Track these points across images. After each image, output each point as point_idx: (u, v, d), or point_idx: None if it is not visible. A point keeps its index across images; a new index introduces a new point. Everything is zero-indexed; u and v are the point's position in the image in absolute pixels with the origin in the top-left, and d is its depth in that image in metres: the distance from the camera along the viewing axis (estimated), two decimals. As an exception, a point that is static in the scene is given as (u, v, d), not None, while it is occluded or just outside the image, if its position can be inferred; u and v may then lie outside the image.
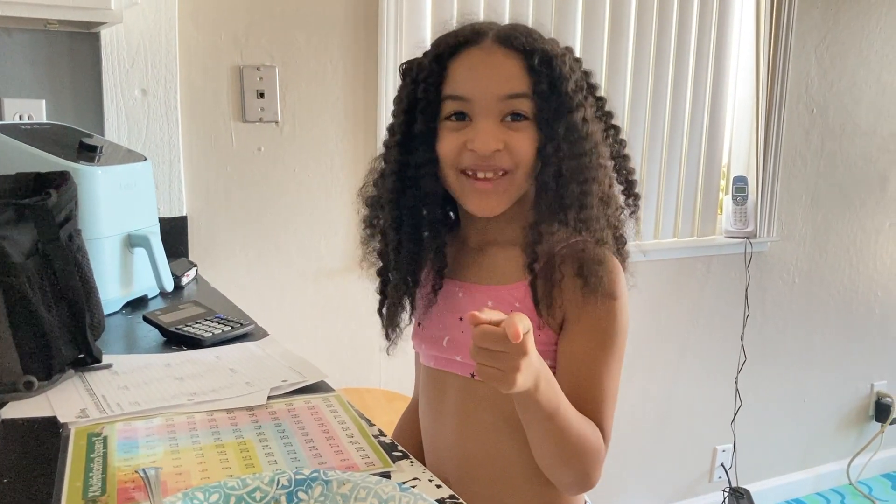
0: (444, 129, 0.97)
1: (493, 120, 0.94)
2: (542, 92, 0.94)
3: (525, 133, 0.95)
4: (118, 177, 1.39)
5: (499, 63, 0.95)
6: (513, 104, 0.94)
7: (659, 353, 2.59)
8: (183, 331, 1.17)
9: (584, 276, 0.93)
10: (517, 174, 0.95)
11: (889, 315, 3.04)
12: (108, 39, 1.65)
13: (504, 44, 0.96)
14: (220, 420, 0.87)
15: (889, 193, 2.93)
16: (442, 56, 0.97)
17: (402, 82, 1.02)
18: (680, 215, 2.51)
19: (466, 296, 1.02)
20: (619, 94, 2.32)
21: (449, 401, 1.05)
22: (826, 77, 2.68)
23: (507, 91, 0.94)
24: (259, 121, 1.86)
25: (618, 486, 2.60)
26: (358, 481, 0.66)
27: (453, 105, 0.96)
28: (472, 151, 0.94)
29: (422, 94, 0.97)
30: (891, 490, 3.05)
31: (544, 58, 0.94)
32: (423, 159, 0.98)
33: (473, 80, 0.95)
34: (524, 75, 0.94)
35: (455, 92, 0.96)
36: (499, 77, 0.94)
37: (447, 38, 0.98)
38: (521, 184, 0.96)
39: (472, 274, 1.03)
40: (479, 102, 0.94)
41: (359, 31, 1.93)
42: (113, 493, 0.69)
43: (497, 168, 0.95)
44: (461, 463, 1.04)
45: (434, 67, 0.97)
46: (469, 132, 0.95)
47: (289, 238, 1.94)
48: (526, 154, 0.94)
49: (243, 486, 0.65)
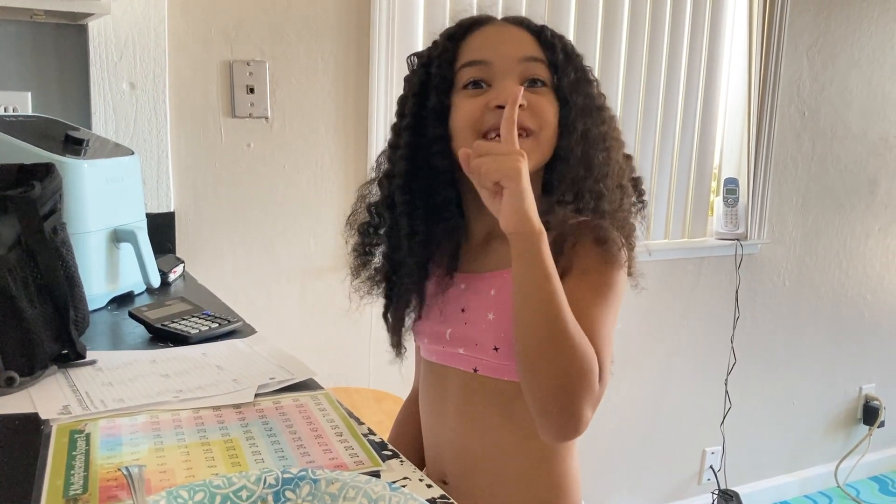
0: (461, 99, 0.95)
1: (514, 80, 0.94)
2: (558, 61, 0.95)
3: (547, 98, 0.95)
4: (105, 170, 1.37)
5: (514, 32, 0.97)
6: (531, 68, 0.94)
7: (649, 354, 2.58)
8: (169, 327, 1.15)
9: (596, 241, 0.91)
10: (541, 136, 0.94)
11: (878, 318, 3.05)
12: (95, 32, 1.63)
13: (514, 23, 0.98)
14: (207, 418, 0.85)
15: (879, 197, 2.93)
16: (454, 36, 0.98)
17: (411, 69, 1.02)
18: (671, 217, 2.50)
19: (469, 286, 1.00)
20: (610, 95, 2.31)
21: (450, 395, 1.04)
22: (817, 80, 2.69)
23: (525, 53, 0.95)
24: (249, 116, 1.84)
25: (607, 488, 2.59)
26: (347, 480, 0.64)
27: (471, 72, 0.95)
28: (496, 109, 0.92)
29: (436, 70, 0.97)
30: (878, 493, 3.05)
31: (555, 33, 0.97)
32: (435, 135, 0.96)
33: (491, 45, 0.96)
34: (539, 46, 0.96)
35: (473, 57, 0.95)
36: (516, 42, 0.96)
37: (457, 23, 0.99)
38: (545, 148, 0.95)
39: (476, 266, 1.02)
40: (499, 63, 0.94)
41: (350, 27, 1.91)
42: (95, 492, 0.68)
43: (522, 126, 0.92)
44: (461, 457, 1.03)
45: (447, 45, 0.97)
46: (492, 93, 0.94)
47: (277, 235, 1.92)
48: (550, 116, 0.94)
49: (229, 484, 0.63)
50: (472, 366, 0.99)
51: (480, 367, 0.99)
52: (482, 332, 0.98)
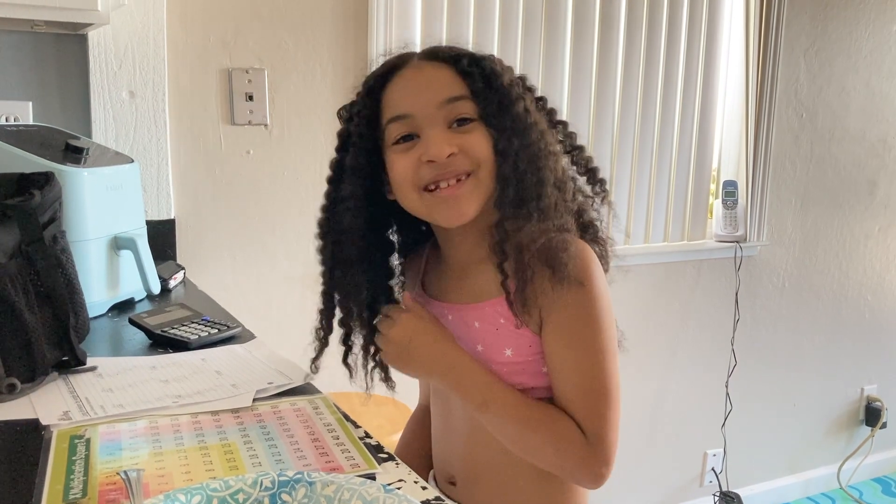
0: (393, 155, 0.95)
1: (440, 127, 0.92)
2: (479, 90, 0.93)
3: (476, 134, 0.93)
4: (105, 178, 1.38)
5: (430, 73, 0.94)
6: (455, 108, 0.93)
7: (649, 356, 2.58)
8: (169, 333, 1.16)
9: (550, 266, 0.90)
10: (480, 174, 0.93)
11: (879, 319, 3.05)
12: (95, 41, 1.65)
13: (430, 58, 0.96)
14: (205, 422, 0.86)
15: (878, 198, 2.94)
16: (373, 89, 0.96)
17: (341, 124, 1.01)
18: (670, 219, 2.51)
19: (455, 318, 1.01)
20: (608, 100, 2.33)
21: (455, 415, 1.06)
22: (815, 82, 2.69)
23: (445, 96, 0.92)
24: (248, 123, 1.86)
25: (608, 490, 2.57)
26: (342, 483, 0.65)
27: (397, 128, 0.94)
28: (428, 164, 0.91)
29: (354, 128, 0.96)
30: (881, 494, 3.05)
31: (472, 59, 0.94)
32: (347, 193, 0.96)
33: (410, 95, 0.94)
34: (458, 80, 0.94)
35: (395, 112, 0.94)
36: (434, 86, 0.93)
37: (374, 72, 0.98)
38: (487, 184, 0.93)
39: (457, 295, 1.02)
40: (421, 114, 0.92)
41: (348, 34, 1.92)
42: (94, 496, 0.68)
43: (458, 173, 0.92)
44: (469, 466, 1.05)
45: (367, 101, 0.96)
46: (420, 147, 0.92)
47: (277, 242, 1.93)
48: (483, 152, 0.92)
49: (226, 487, 0.64)
50: None
51: None
52: None
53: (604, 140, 2.34)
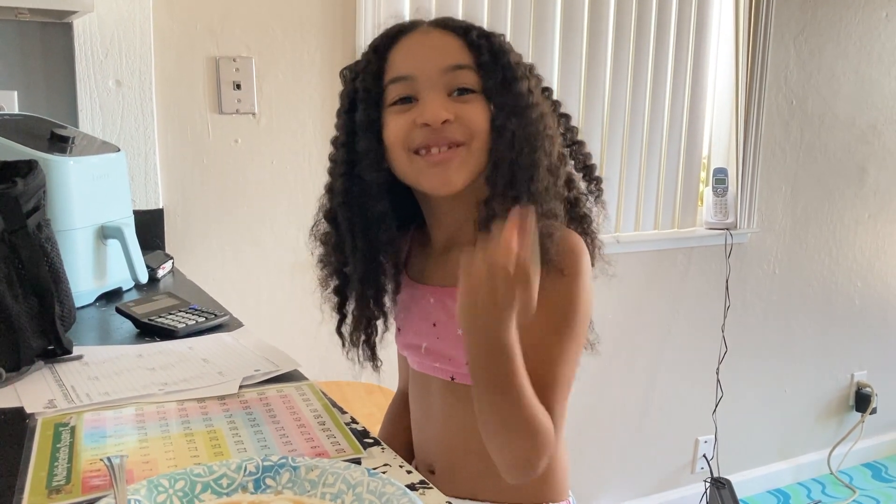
0: (389, 115, 0.94)
1: (439, 93, 0.92)
2: (485, 63, 0.93)
3: (475, 105, 0.93)
4: (90, 167, 1.37)
5: (437, 40, 0.94)
6: (457, 77, 0.93)
7: (640, 344, 2.59)
8: (156, 322, 1.16)
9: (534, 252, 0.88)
10: (473, 145, 0.92)
11: (868, 305, 3.07)
12: (80, 29, 1.63)
13: (440, 26, 0.96)
14: (191, 409, 0.86)
15: (868, 185, 2.94)
16: (380, 47, 0.96)
17: (343, 83, 1.00)
18: (660, 207, 2.51)
19: (437, 301, 1.01)
20: (599, 87, 2.32)
21: (434, 400, 1.06)
22: (805, 68, 2.69)
23: (449, 62, 0.92)
24: (236, 112, 1.85)
25: (599, 478, 2.60)
26: (326, 467, 0.65)
27: (397, 89, 0.94)
28: (422, 127, 0.91)
29: (360, 84, 0.95)
30: (871, 479, 3.07)
31: (482, 33, 0.95)
32: (364, 149, 0.95)
33: (414, 58, 0.94)
34: (465, 50, 0.94)
35: (397, 73, 0.94)
36: (439, 51, 0.93)
37: (382, 32, 0.97)
38: (478, 157, 0.93)
39: (441, 277, 1.02)
40: (423, 77, 0.92)
41: (336, 22, 1.91)
42: (77, 482, 0.68)
43: (451, 141, 0.92)
44: (447, 454, 1.05)
45: (372, 58, 0.96)
46: (416, 109, 0.92)
47: (266, 230, 1.92)
48: (479, 124, 0.92)
49: (210, 472, 0.64)
50: (450, 375, 1.01)
51: (457, 377, 1.00)
52: (454, 346, 0.99)
53: (594, 128, 2.34)
